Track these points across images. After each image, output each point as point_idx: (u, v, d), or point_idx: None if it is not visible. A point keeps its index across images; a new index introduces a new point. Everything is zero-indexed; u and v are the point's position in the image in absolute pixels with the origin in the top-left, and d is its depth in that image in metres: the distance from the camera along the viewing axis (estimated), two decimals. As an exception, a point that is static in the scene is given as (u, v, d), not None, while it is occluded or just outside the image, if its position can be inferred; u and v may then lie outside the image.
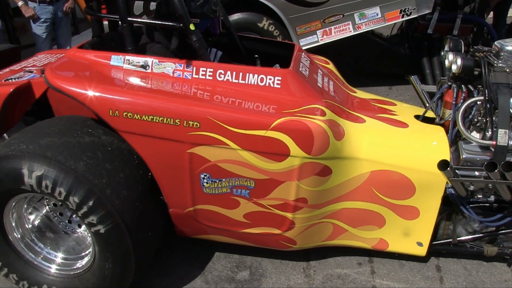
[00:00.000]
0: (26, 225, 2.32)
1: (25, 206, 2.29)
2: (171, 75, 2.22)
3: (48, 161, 1.94)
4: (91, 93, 2.07)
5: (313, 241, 2.41)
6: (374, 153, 2.22)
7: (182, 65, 2.21)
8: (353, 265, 2.54)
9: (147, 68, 2.23)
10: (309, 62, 2.52)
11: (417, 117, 2.49)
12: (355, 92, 2.70)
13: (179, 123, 2.03)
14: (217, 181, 2.17)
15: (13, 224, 2.28)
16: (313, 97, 2.21)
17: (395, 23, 4.77)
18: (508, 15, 5.64)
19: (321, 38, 4.41)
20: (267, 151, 2.06)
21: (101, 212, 1.97)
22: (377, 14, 4.33)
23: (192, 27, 2.21)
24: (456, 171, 2.08)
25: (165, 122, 2.04)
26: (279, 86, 2.18)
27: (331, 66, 2.86)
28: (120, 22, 2.27)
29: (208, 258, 2.58)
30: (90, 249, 2.19)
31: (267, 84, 2.18)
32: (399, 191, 2.26)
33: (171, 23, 2.22)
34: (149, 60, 2.23)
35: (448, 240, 2.44)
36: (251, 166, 2.10)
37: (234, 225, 2.31)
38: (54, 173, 1.94)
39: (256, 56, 2.73)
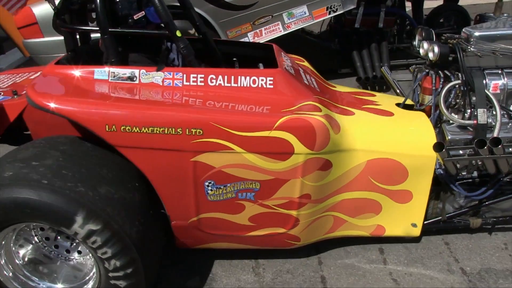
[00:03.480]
0: (17, 261, 2.15)
1: (14, 238, 2.12)
2: (161, 84, 2.16)
3: (108, 220, 1.85)
4: (83, 110, 1.97)
5: (316, 236, 2.45)
6: (368, 143, 2.30)
7: (172, 73, 2.17)
8: (300, 258, 2.57)
9: (135, 79, 2.16)
10: (289, 60, 2.56)
11: (397, 105, 2.61)
12: (335, 87, 2.77)
13: (181, 132, 1.99)
14: (222, 187, 2.14)
15: (2, 262, 2.11)
16: (304, 95, 2.24)
17: (323, 20, 4.95)
18: (425, 6, 6.10)
19: (252, 40, 4.46)
20: (272, 151, 2.07)
21: (133, 280, 1.95)
22: (305, 13, 4.45)
23: (178, 33, 2.18)
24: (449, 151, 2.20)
25: (166, 132, 1.98)
26: (271, 87, 2.19)
27: (306, 63, 2.92)
28: (100, 34, 2.17)
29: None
30: (94, 270, 2.08)
31: (259, 85, 2.19)
32: (393, 176, 2.36)
33: (157, 32, 2.17)
34: (136, 71, 2.16)
35: (438, 218, 2.57)
36: (256, 168, 2.09)
37: (239, 230, 2.29)
38: (108, 234, 1.86)
39: (234, 59, 2.73)
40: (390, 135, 2.35)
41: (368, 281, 2.42)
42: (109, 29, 2.15)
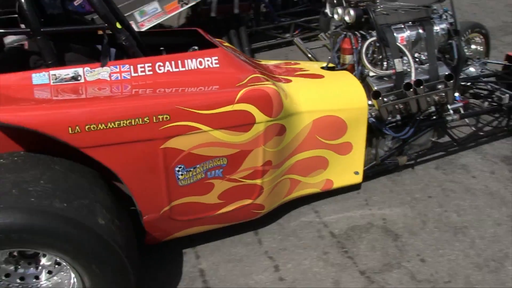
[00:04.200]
0: None
1: None
2: (109, 79, 2.11)
3: None
4: (40, 116, 1.83)
5: (276, 201, 2.60)
6: (311, 104, 2.50)
7: (118, 66, 2.12)
8: (177, 253, 2.55)
9: (79, 78, 2.08)
10: (218, 42, 2.64)
11: (322, 68, 2.85)
12: (261, 61, 2.93)
13: (148, 121, 1.97)
14: (192, 169, 2.17)
15: None
16: (247, 69, 2.36)
17: (180, 13, 4.88)
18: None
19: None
20: (236, 124, 2.15)
21: None
22: (157, 9, 4.38)
23: (118, 25, 2.14)
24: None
25: (133, 123, 1.95)
26: (218, 65, 2.27)
27: (227, 44, 3.02)
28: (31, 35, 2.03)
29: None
30: (73, 275, 1.94)
31: (206, 66, 2.25)
32: (335, 131, 2.60)
33: (95, 26, 2.09)
34: (79, 69, 2.07)
35: (373, 163, 2.90)
36: (222, 143, 2.16)
37: (209, 210, 2.33)
38: None
39: (161, 48, 2.72)
40: (327, 94, 2.58)
41: (246, 265, 2.46)
42: (42, 29, 2.03)
